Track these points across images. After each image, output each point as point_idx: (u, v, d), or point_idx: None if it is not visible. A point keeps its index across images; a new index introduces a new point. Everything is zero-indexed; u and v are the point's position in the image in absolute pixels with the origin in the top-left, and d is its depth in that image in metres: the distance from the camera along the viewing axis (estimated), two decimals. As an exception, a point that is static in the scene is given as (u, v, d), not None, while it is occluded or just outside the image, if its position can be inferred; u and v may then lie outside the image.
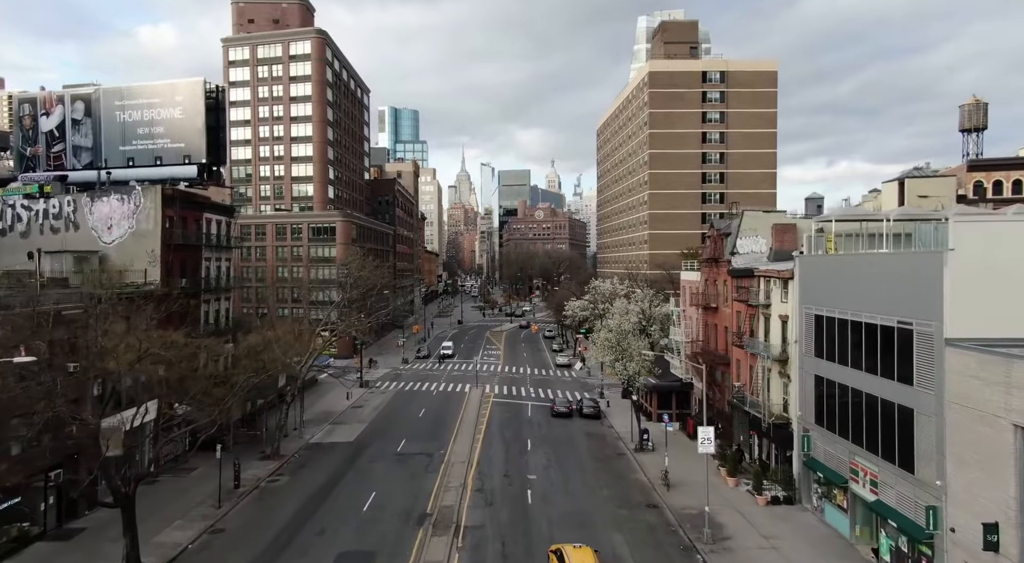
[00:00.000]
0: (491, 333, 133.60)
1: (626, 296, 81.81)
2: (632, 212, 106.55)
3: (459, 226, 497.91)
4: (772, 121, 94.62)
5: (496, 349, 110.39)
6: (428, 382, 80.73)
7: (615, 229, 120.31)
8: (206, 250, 51.34)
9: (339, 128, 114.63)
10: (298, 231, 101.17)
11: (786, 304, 39.57)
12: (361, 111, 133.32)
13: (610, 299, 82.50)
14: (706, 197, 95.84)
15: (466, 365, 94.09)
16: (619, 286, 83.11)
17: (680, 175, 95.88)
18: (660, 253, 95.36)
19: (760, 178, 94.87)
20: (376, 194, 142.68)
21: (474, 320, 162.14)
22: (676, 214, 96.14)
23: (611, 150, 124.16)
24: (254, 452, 49.18)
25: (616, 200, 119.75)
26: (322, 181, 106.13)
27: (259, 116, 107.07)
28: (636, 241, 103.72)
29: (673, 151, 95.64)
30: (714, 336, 53.84)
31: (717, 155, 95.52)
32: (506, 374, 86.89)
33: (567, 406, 63.34)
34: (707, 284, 54.97)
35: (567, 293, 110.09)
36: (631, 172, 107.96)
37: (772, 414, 39.70)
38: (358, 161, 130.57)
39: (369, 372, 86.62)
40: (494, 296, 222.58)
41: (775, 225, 47.38)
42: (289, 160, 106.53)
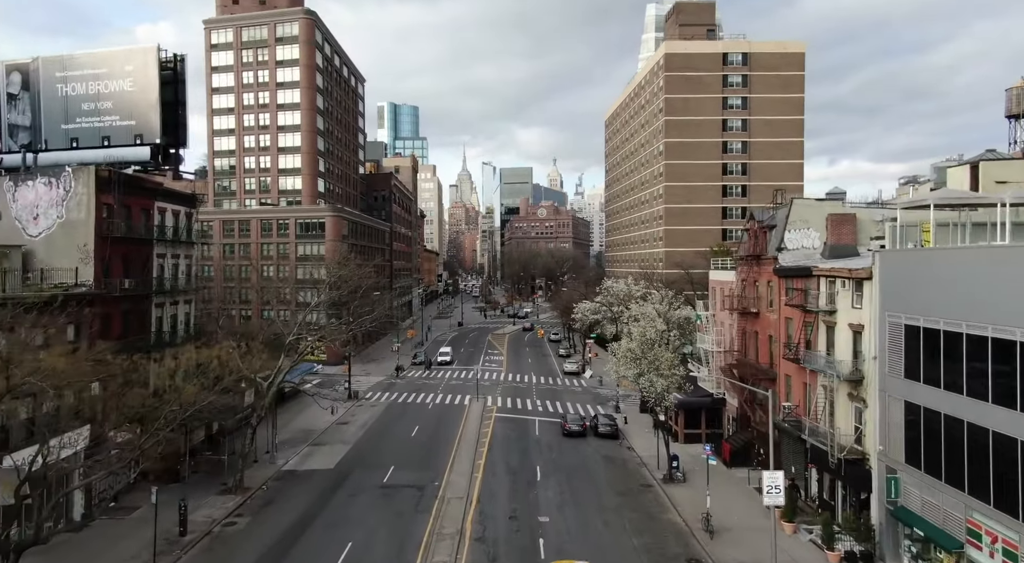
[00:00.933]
0: (493, 336, 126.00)
1: (643, 297, 74.49)
2: (645, 207, 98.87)
3: (460, 225, 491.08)
4: (799, 107, 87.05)
5: (498, 355, 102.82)
6: (424, 393, 73.18)
7: (625, 226, 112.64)
8: (159, 245, 43.78)
9: (330, 118, 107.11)
10: (284, 227, 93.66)
11: (860, 310, 31.96)
12: (355, 101, 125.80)
13: (625, 301, 75.04)
14: (727, 190, 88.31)
15: (466, 373, 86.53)
16: (634, 286, 75.54)
17: (698, 166, 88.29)
18: (677, 251, 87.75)
19: (785, 169, 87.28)
20: (371, 189, 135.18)
21: (475, 322, 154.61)
22: (694, 208, 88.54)
23: (621, 142, 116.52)
24: (215, 483, 41.68)
25: (626, 195, 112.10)
26: (311, 173, 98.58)
27: (244, 103, 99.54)
28: (650, 238, 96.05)
29: (691, 140, 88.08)
30: (754, 345, 46.21)
31: (739, 145, 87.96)
32: (510, 383, 79.32)
33: (580, 424, 55.68)
34: (745, 285, 47.34)
35: (574, 294, 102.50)
36: (644, 164, 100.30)
37: (841, 447, 32.06)
38: (352, 154, 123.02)
39: (359, 381, 79.06)
40: (495, 297, 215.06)
41: (831, 216, 39.79)
42: (276, 151, 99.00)
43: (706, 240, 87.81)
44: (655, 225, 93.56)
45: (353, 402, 69.39)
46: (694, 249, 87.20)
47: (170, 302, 45.14)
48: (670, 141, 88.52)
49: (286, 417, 59.97)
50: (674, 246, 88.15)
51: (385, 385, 78.79)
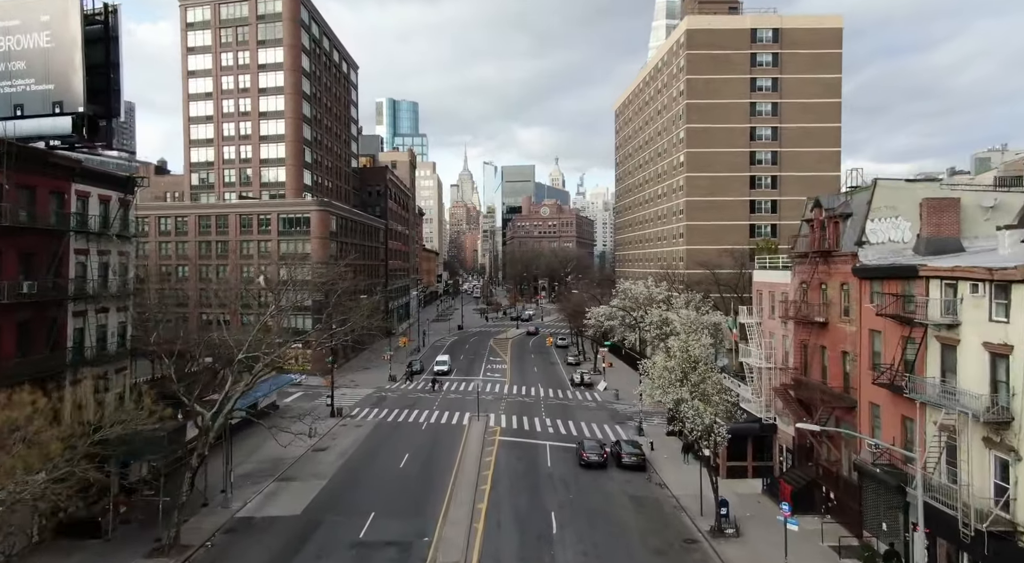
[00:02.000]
0: (495, 341, 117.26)
1: (665, 301, 65.75)
2: (662, 201, 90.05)
3: (461, 225, 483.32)
4: (836, 89, 78.35)
5: (501, 363, 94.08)
6: (418, 409, 64.49)
7: (638, 222, 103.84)
8: (79, 238, 35.05)
9: (319, 105, 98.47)
10: (266, 223, 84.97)
11: (1004, 326, 23.23)
12: (347, 89, 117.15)
13: (645, 305, 66.33)
14: (755, 181, 79.55)
15: (465, 384, 77.83)
16: (655, 289, 66.84)
17: (724, 155, 79.56)
18: (700, 249, 79.06)
19: (820, 158, 78.62)
20: (366, 184, 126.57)
21: (476, 325, 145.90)
22: (719, 202, 79.78)
23: (633, 132, 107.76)
24: (147, 538, 33.00)
25: (639, 188, 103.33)
26: (296, 164, 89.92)
27: (222, 88, 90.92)
28: (668, 235, 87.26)
29: (715, 126, 79.35)
30: (819, 363, 37.47)
31: (768, 131, 79.23)
32: (514, 397, 70.63)
33: (600, 452, 46.82)
34: (807, 288, 38.58)
35: (584, 297, 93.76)
36: (661, 154, 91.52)
37: (981, 514, 23.31)
38: (344, 147, 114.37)
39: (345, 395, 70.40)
40: (497, 298, 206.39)
41: (928, 201, 31.15)
42: (257, 139, 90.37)
43: (732, 237, 79.18)
44: (675, 220, 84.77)
45: (337, 420, 60.71)
46: (719, 246, 78.59)
47: (96, 309, 36.41)
48: (692, 127, 79.76)
49: (253, 442, 51.39)
50: (697, 243, 79.43)
51: (374, 399, 70.08)
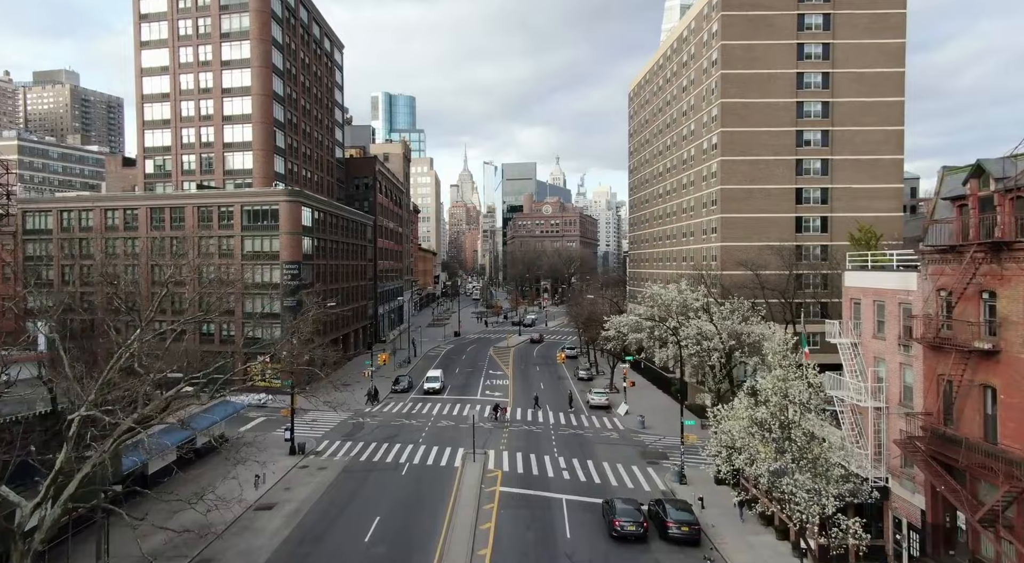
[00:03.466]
0: (495, 351, 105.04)
1: (705, 309, 53.55)
2: (689, 191, 77.78)
3: (461, 225, 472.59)
4: (898, 57, 66.29)
5: (502, 378, 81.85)
6: (399, 443, 52.30)
7: (658, 217, 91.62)
8: None
9: (294, 83, 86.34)
10: (228, 216, 72.82)
11: None
12: (331, 70, 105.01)
13: (680, 314, 54.11)
14: (802, 166, 67.38)
15: (459, 406, 65.70)
16: (690, 294, 54.61)
17: (765, 136, 67.40)
18: (736, 245, 66.92)
19: (880, 139, 66.56)
20: (352, 176, 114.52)
21: (474, 331, 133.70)
22: (760, 191, 67.59)
23: (651, 114, 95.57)
24: None
25: (660, 178, 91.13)
26: (265, 149, 77.77)
27: (180, 61, 78.80)
28: (696, 230, 75.02)
29: (755, 101, 67.17)
30: (978, 411, 25.25)
31: (818, 106, 67.04)
32: (519, 425, 58.47)
33: (637, 519, 34.26)
34: (950, 299, 26.33)
35: (599, 302, 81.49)
36: (687, 137, 79.29)
37: None
38: (327, 134, 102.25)
39: (316, 421, 58.32)
40: (497, 300, 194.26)
41: None
42: (220, 120, 78.23)
43: (775, 231, 67.06)
44: (705, 213, 72.54)
45: (297, 460, 48.51)
46: (760, 243, 66.48)
47: None
48: (728, 102, 67.56)
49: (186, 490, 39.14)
50: (733, 240, 67.23)
51: (349, 428, 57.87)
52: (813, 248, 67.57)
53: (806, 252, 67.44)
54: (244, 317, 72.10)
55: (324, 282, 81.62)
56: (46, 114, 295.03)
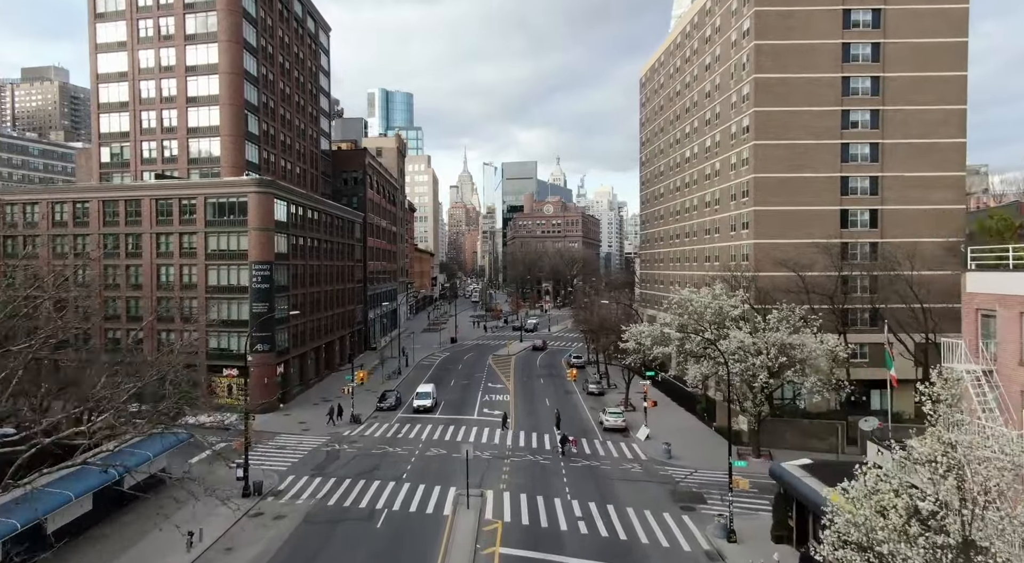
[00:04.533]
0: (494, 359, 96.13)
1: (744, 318, 44.61)
2: (714, 181, 68.86)
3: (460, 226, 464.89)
4: (961, 23, 57.48)
5: (502, 392, 72.93)
6: (379, 480, 43.27)
7: (676, 212, 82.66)
8: None
9: (270, 63, 77.51)
10: (190, 210, 63.92)
11: None
12: (315, 53, 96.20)
13: (716, 323, 45.15)
14: (848, 151, 58.47)
15: (454, 428, 56.79)
16: (727, 301, 45.68)
17: (806, 116, 58.51)
18: (773, 243, 58.03)
19: (938, 119, 57.74)
20: (340, 170, 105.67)
21: (473, 336, 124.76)
22: (799, 180, 58.71)
23: (668, 98, 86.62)
24: None
25: (678, 169, 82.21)
26: (234, 134, 68.88)
27: (139, 35, 69.96)
28: (723, 226, 66.10)
29: (795, 76, 58.26)
30: None
31: (867, 82, 58.19)
32: (521, 453, 49.52)
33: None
34: None
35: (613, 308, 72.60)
36: (711, 121, 70.39)
37: None
38: (310, 123, 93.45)
39: (285, 446, 49.34)
40: (497, 303, 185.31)
41: None
42: (184, 101, 69.37)
43: (816, 226, 58.17)
44: (734, 206, 63.60)
45: (252, 504, 39.51)
46: (799, 240, 57.60)
47: None
48: (763, 78, 58.67)
49: (94, 554, 30.38)
50: (768, 236, 58.30)
51: (322, 457, 48.86)
52: (861, 246, 58.65)
53: (852, 250, 58.52)
54: (208, 325, 63.18)
55: (302, 285, 72.76)
56: (35, 112, 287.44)
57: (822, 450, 50.03)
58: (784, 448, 50.29)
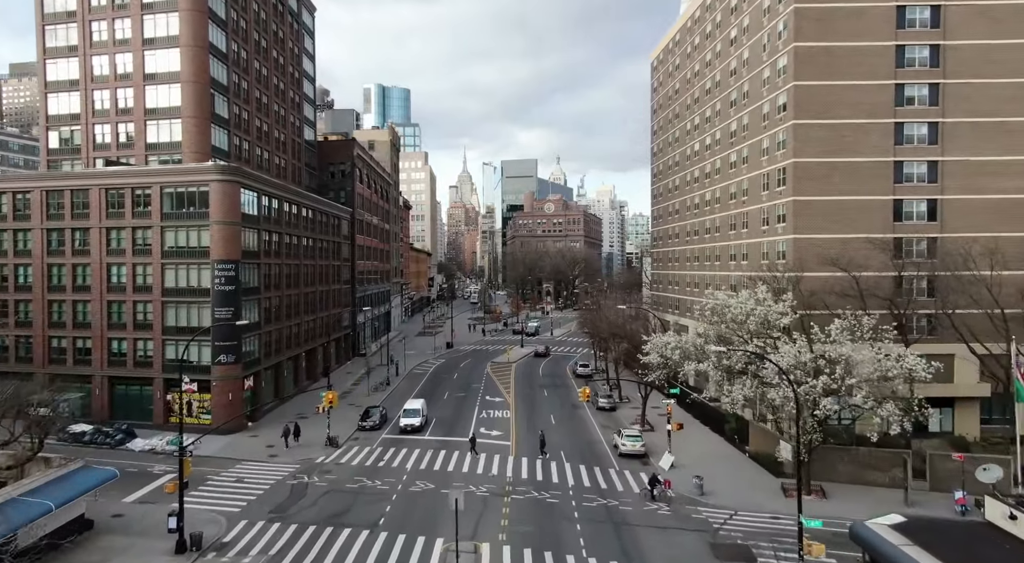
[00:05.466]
0: (493, 367, 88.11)
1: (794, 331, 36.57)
2: (740, 171, 60.80)
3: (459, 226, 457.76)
4: (1034, -16, 49.68)
5: (501, 407, 64.88)
6: (349, 528, 35.12)
7: (694, 206, 74.57)
8: None
9: (243, 40, 69.52)
10: (144, 201, 55.90)
11: None
12: (298, 35, 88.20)
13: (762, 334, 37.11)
14: (902, 132, 50.49)
15: (444, 454, 48.72)
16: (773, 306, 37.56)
17: (853, 91, 50.49)
18: (815, 238, 50.07)
19: (1009, 95, 49.76)
20: (326, 162, 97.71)
21: (470, 341, 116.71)
22: (845, 165, 50.69)
23: (685, 81, 78.47)
24: None
25: (697, 158, 74.08)
26: (198, 116, 60.82)
27: (90, 4, 61.91)
28: (753, 220, 58.06)
29: (841, 45, 50.26)
30: None
31: (925, 51, 50.19)
32: (525, 488, 41.43)
33: None
34: None
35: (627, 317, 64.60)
36: (737, 103, 62.31)
37: None
38: (291, 109, 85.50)
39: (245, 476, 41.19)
40: (496, 305, 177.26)
41: None
42: (141, 79, 61.32)
43: (864, 219, 50.24)
44: (767, 197, 55.53)
45: (189, 561, 31.36)
46: (845, 235, 49.67)
47: None
48: (804, 47, 50.64)
49: None
50: (809, 230, 50.28)
51: (286, 492, 40.74)
52: (917, 242, 50.62)
53: (907, 246, 50.50)
54: (164, 333, 55.14)
55: (277, 287, 64.77)
56: (23, 108, 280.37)
57: (882, 484, 42.04)
58: (837, 481, 42.33)
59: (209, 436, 51.99)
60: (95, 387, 56.71)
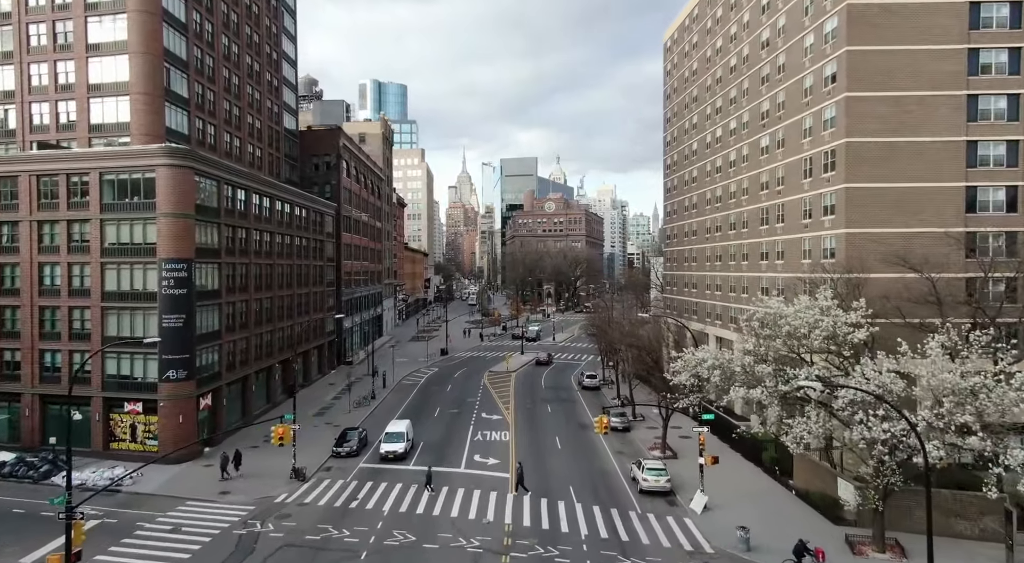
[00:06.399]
0: (490, 378, 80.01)
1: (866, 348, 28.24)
2: (775, 156, 52.69)
3: (458, 226, 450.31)
4: None
5: (499, 427, 56.68)
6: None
7: (716, 199, 66.48)
8: None
9: (207, 11, 61.42)
10: (81, 190, 47.81)
11: None
12: (275, 12, 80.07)
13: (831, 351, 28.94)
14: (976, 106, 42.44)
15: (429, 498, 40.42)
16: (841, 315, 29.24)
17: (918, 58, 42.52)
18: (871, 233, 41.94)
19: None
20: (309, 153, 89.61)
21: (466, 347, 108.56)
22: (908, 146, 42.67)
23: (704, 59, 70.25)
24: None
25: (720, 145, 65.96)
26: (149, 92, 52.64)
27: (25, -36, 53.78)
28: (791, 213, 49.96)
29: (903, 1, 42.31)
30: None
31: (1005, 9, 42.31)
32: (524, 539, 33.21)
33: None
34: None
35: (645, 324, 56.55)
36: (771, 79, 54.12)
37: None
38: (268, 93, 77.40)
39: (182, 524, 33.01)
40: (495, 307, 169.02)
41: None
42: (84, 51, 53.17)
43: (931, 209, 42.26)
44: (811, 185, 47.37)
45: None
46: (909, 229, 41.62)
47: None
48: (858, 5, 42.65)
49: None
50: (866, 224, 42.26)
51: (226, 552, 32.46)
52: (994, 237, 42.55)
53: (981, 242, 42.42)
54: (105, 344, 47.01)
55: (243, 290, 56.70)
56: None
57: (970, 536, 33.98)
58: (913, 531, 34.16)
59: (155, 466, 44.05)
60: (24, 407, 48.61)
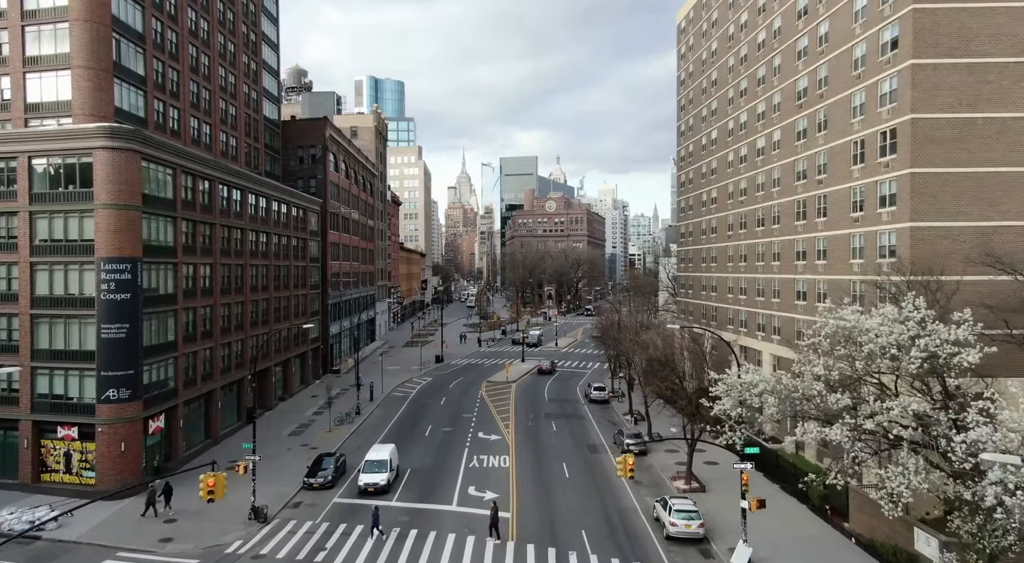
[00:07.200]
0: (488, 389, 72.97)
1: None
2: (814, 141, 45.69)
3: (458, 227, 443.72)
4: None
5: (497, 450, 49.55)
6: None
7: (741, 192, 59.39)
8: None
9: (169, -24, 54.35)
10: (7, 177, 40.83)
11: None
12: (255, -12, 73.05)
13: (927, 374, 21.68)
14: (1068, 76, 35.67)
15: (413, 539, 33.24)
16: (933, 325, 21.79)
17: (999, 18, 35.67)
18: (941, 227, 34.98)
19: None
20: (292, 145, 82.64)
21: (464, 353, 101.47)
22: (988, 122, 35.80)
23: (727, 37, 62.97)
24: None
25: (746, 132, 58.91)
26: (92, 64, 45.57)
27: (-47, -81, 46.70)
28: (836, 204, 43.05)
29: (982, -50, 35.53)
30: None
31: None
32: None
33: None
34: None
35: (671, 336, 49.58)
36: (810, 52, 47.08)
37: None
38: (244, 77, 70.42)
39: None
40: (494, 311, 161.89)
41: None
42: (19, 18, 46.13)
43: (1015, 199, 35.20)
44: (863, 172, 40.30)
45: None
46: (988, 222, 34.63)
47: None
48: (925, -45, 35.74)
49: None
50: (934, 216, 35.38)
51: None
52: (1089, 231, 35.55)
53: (1073, 239, 35.47)
54: (35, 358, 39.97)
55: (206, 294, 49.70)
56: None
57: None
58: (1016, 599, 27.16)
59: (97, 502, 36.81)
60: (-57, 431, 41.54)
